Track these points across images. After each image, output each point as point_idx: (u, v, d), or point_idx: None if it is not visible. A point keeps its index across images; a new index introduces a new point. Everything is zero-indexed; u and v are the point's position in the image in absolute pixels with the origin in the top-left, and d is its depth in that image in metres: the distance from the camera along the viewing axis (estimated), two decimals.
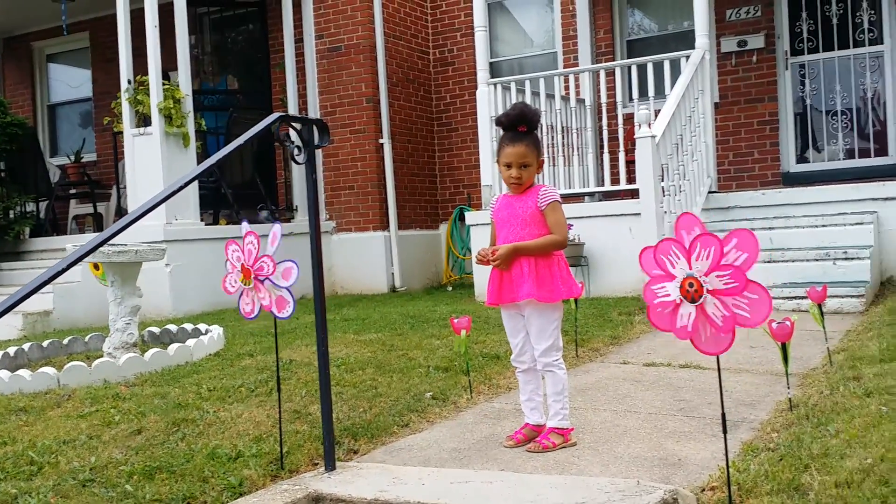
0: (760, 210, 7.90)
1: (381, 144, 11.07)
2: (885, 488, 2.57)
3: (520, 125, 3.50)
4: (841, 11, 9.70)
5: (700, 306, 2.57)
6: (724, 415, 2.69)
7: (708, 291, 2.52)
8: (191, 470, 3.34)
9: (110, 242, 5.90)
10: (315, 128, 3.37)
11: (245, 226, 3.45)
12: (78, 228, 12.21)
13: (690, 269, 2.53)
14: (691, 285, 2.57)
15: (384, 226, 11.07)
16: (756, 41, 9.98)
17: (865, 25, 9.58)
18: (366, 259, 11.03)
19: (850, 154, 9.71)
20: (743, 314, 2.51)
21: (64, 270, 2.48)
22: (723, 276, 2.49)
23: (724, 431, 2.70)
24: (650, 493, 2.72)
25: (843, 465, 2.77)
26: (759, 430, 3.50)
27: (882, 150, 9.52)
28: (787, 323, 3.58)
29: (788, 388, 3.74)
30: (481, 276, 8.82)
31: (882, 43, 9.49)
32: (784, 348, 3.62)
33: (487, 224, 8.53)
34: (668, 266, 2.58)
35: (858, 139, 9.69)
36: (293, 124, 3.37)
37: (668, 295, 2.61)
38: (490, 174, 8.93)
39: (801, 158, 9.97)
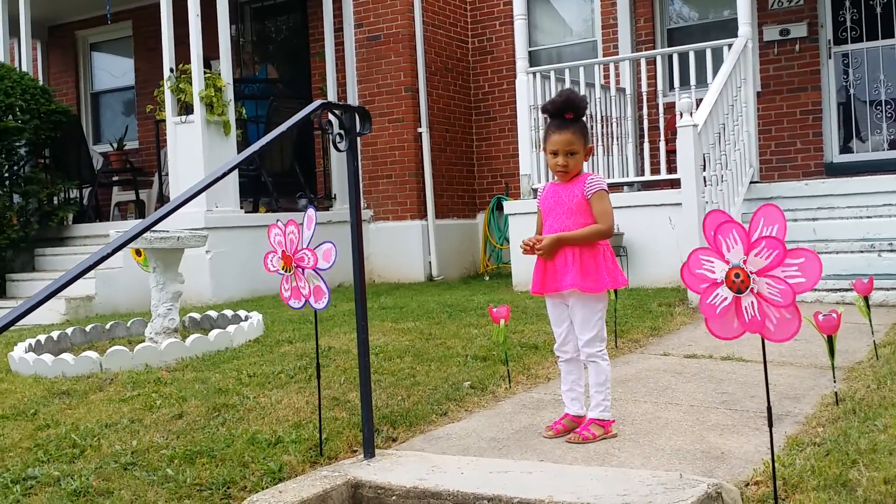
0: (803, 201, 7.78)
1: (420, 133, 11.05)
2: None
3: (566, 112, 3.46)
4: (885, 0, 9.51)
5: (757, 294, 2.51)
6: (769, 408, 2.65)
7: (753, 273, 2.47)
8: (231, 455, 3.36)
9: (153, 229, 5.96)
10: (357, 115, 3.36)
11: (310, 212, 3.43)
12: (120, 215, 12.35)
13: (726, 262, 2.48)
14: (737, 276, 2.53)
15: (422, 215, 11.07)
16: (799, 30, 9.82)
17: None
18: (403, 248, 11.04)
19: (893, 144, 9.53)
20: (798, 280, 2.44)
21: (108, 256, 2.50)
22: (760, 251, 2.45)
23: (770, 425, 2.65)
24: (693, 487, 2.68)
25: (892, 462, 2.72)
26: (803, 424, 3.45)
27: None
28: (834, 315, 3.52)
29: (835, 381, 3.68)
30: (519, 266, 8.78)
31: None
32: (830, 341, 3.56)
33: (526, 213, 8.51)
34: (706, 273, 2.54)
35: None
36: (335, 111, 3.37)
37: (725, 299, 2.56)
38: (528, 163, 8.88)
39: (845, 149, 9.81)
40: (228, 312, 6.74)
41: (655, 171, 8.60)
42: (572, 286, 3.40)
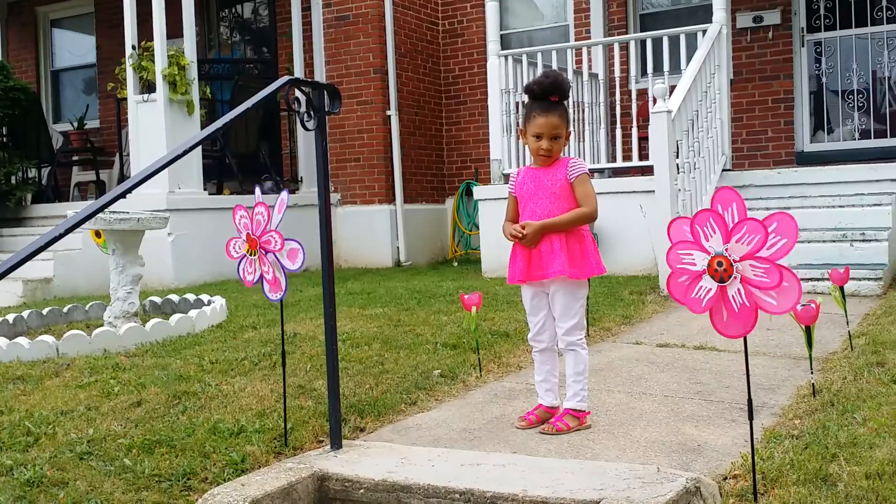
0: (776, 189, 7.74)
1: (388, 116, 10.91)
2: None
3: (552, 94, 3.35)
4: None
5: (723, 287, 2.44)
6: (750, 401, 2.57)
7: (739, 273, 2.39)
8: (191, 444, 3.25)
9: (112, 210, 5.80)
10: (326, 93, 3.23)
11: (258, 195, 3.33)
12: (80, 195, 12.11)
13: (725, 248, 2.40)
14: (720, 264, 2.44)
15: (390, 199, 10.93)
16: (772, 17, 9.78)
17: (884, 3, 9.36)
18: (371, 232, 10.92)
19: (865, 134, 9.53)
20: (769, 301, 2.38)
21: (60, 237, 2.36)
22: (758, 268, 2.37)
23: (751, 418, 2.58)
24: (671, 481, 2.60)
25: (872, 456, 2.65)
26: (780, 416, 3.38)
27: None
28: (812, 306, 3.45)
29: (812, 372, 3.62)
30: (488, 252, 8.69)
31: None
32: (808, 332, 3.50)
33: (496, 199, 8.41)
34: (701, 237, 2.44)
35: (875, 119, 9.51)
36: (303, 88, 3.23)
37: (694, 263, 2.47)
38: (499, 148, 8.77)
39: (816, 138, 9.80)
40: (191, 296, 6.60)
41: (627, 157, 8.53)
42: (560, 273, 3.30)
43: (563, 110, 3.37)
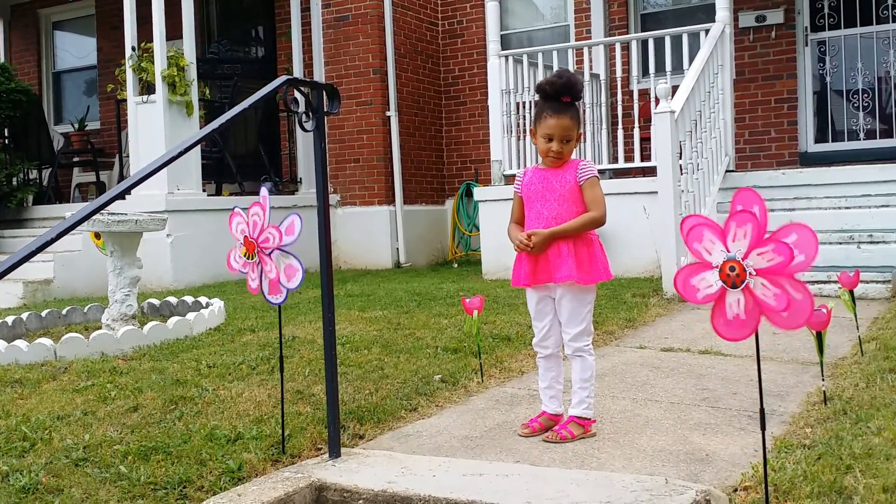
0: (780, 191, 7.65)
1: (388, 117, 10.84)
2: None
3: (565, 95, 3.26)
4: None
5: (724, 290, 2.35)
6: (762, 410, 2.48)
7: (752, 269, 2.30)
8: (188, 451, 3.18)
9: (110, 211, 5.72)
10: (324, 93, 3.16)
11: (264, 196, 3.20)
12: (81, 196, 12.09)
13: (743, 255, 2.31)
14: (732, 269, 2.36)
15: (390, 200, 10.86)
16: (775, 16, 9.70)
17: (889, 1, 9.29)
18: (370, 234, 10.84)
19: (870, 135, 9.45)
20: (798, 259, 2.27)
21: (55, 239, 2.31)
22: (768, 290, 2.27)
23: (763, 428, 2.49)
24: (681, 494, 2.52)
25: (889, 468, 2.56)
26: (790, 425, 3.29)
27: None
28: (824, 311, 3.37)
29: (823, 379, 3.53)
30: (488, 254, 8.62)
31: None
32: (819, 337, 3.41)
33: (496, 200, 8.33)
34: (729, 237, 2.34)
35: (880, 120, 9.43)
36: (301, 89, 3.16)
37: (711, 253, 2.37)
38: (500, 149, 8.69)
39: (819, 138, 9.72)
40: (189, 299, 6.53)
41: (629, 158, 8.45)
42: (568, 278, 3.21)
43: (574, 112, 3.28)
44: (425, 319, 5.72)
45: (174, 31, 9.40)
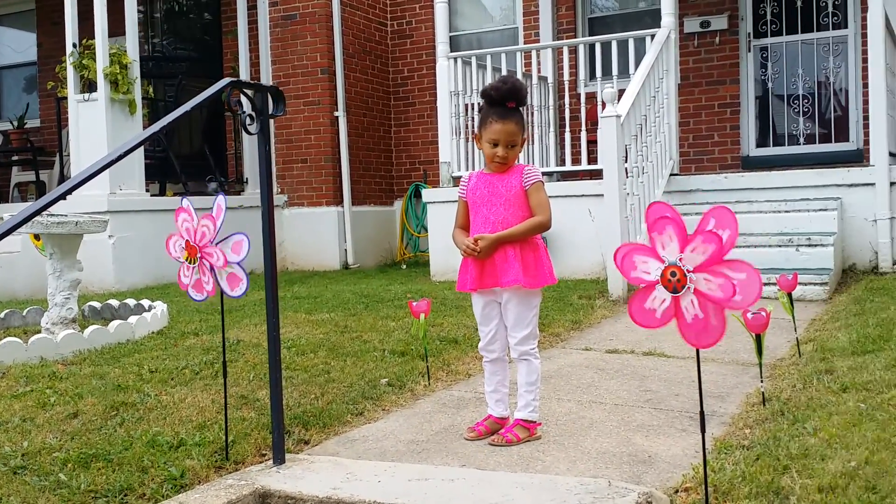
0: (722, 194, 7.77)
1: (336, 117, 10.79)
2: (872, 494, 2.42)
3: (510, 100, 3.27)
4: None
5: (677, 298, 2.38)
6: (702, 412, 2.52)
7: (690, 271, 2.33)
8: (129, 459, 3.13)
9: (50, 212, 5.61)
10: (269, 95, 3.13)
11: (217, 206, 3.11)
12: (20, 196, 11.85)
13: (680, 257, 2.34)
14: (673, 274, 2.39)
15: (338, 201, 10.81)
16: (719, 22, 9.86)
17: (830, 9, 9.50)
18: (318, 234, 10.78)
19: (810, 139, 9.65)
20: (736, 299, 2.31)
21: None
22: (696, 246, 2.31)
23: (703, 431, 2.52)
24: (623, 496, 2.54)
25: (825, 468, 2.61)
26: (730, 426, 3.35)
27: (843, 136, 9.47)
28: (763, 314, 3.43)
29: (762, 381, 3.60)
30: (437, 255, 8.62)
31: (846, 27, 9.42)
32: (758, 340, 3.48)
33: (445, 202, 8.34)
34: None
35: (819, 124, 9.63)
36: (245, 91, 3.12)
37: (664, 301, 2.40)
38: (448, 151, 8.70)
39: (761, 142, 9.90)
40: (131, 301, 6.43)
41: (576, 161, 8.52)
42: (515, 282, 3.22)
43: (519, 117, 3.29)
44: (373, 322, 5.70)
45: (117, 28, 9.24)
